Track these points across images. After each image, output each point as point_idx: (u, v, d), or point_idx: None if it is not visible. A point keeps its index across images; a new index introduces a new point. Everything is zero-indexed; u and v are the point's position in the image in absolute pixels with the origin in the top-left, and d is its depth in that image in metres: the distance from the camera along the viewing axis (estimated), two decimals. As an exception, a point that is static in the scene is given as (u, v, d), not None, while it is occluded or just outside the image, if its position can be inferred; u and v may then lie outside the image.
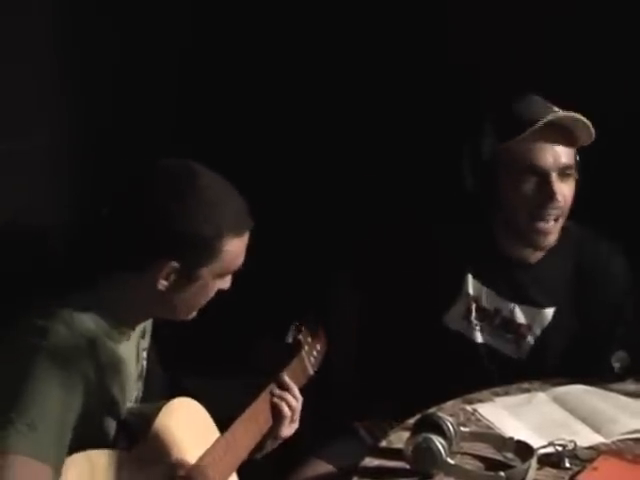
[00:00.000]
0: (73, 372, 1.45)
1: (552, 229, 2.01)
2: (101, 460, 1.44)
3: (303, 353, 1.79)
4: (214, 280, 1.57)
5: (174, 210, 1.50)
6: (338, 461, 2.03)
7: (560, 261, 2.09)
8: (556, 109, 1.99)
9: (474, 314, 2.09)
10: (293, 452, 2.03)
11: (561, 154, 1.98)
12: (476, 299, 2.09)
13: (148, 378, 1.72)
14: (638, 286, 2.11)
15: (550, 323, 2.08)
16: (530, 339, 2.09)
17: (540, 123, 1.94)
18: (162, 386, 1.77)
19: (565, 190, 1.99)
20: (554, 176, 1.97)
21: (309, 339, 1.82)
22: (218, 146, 3.07)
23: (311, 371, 1.82)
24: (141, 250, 1.52)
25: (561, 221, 2.02)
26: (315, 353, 1.84)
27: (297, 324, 1.80)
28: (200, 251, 1.53)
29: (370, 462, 1.69)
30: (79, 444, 1.42)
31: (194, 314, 1.63)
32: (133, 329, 1.62)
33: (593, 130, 1.97)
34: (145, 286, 1.53)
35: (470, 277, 2.08)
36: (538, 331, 2.09)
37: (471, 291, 2.08)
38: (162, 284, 1.53)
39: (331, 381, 2.26)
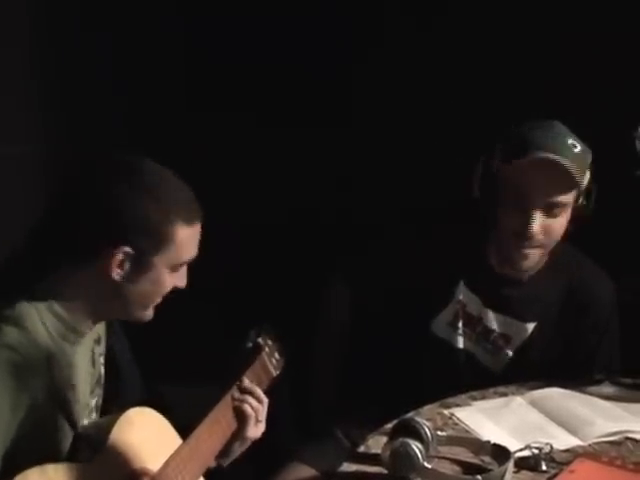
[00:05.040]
0: (22, 383, 1.42)
1: (531, 254, 2.00)
2: (58, 474, 1.39)
3: (264, 355, 1.80)
4: (168, 272, 1.55)
5: (118, 193, 1.49)
6: (319, 464, 2.03)
7: (548, 280, 2.09)
8: (574, 143, 1.95)
9: (460, 320, 2.10)
10: (274, 455, 2.04)
11: (552, 191, 1.94)
12: (464, 305, 2.10)
13: (123, 386, 1.71)
14: (621, 312, 2.13)
15: (529, 338, 2.09)
16: (508, 352, 2.10)
17: (531, 157, 1.91)
18: (137, 394, 1.76)
19: (553, 224, 1.96)
20: (537, 211, 1.94)
21: (269, 342, 1.82)
22: (207, 150, 3.08)
23: (274, 373, 1.82)
24: (88, 238, 1.50)
25: (544, 250, 2.01)
26: (276, 355, 1.84)
27: (256, 328, 1.81)
28: (150, 236, 1.51)
29: (348, 467, 1.69)
30: (33, 457, 1.38)
31: (149, 313, 1.60)
32: (90, 329, 1.59)
33: (576, 177, 1.92)
34: (98, 277, 1.51)
35: (462, 285, 2.10)
36: (517, 344, 2.10)
37: (461, 297, 2.10)
38: (117, 272, 1.51)
39: (312, 384, 2.27)
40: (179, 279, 1.59)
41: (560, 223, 1.98)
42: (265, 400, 1.71)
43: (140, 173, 1.53)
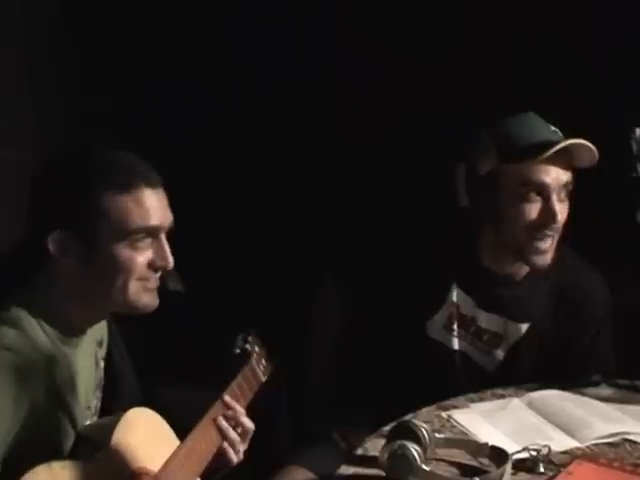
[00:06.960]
0: (22, 383, 1.43)
1: (549, 249, 2.01)
2: (64, 471, 1.41)
3: (253, 361, 1.80)
4: (124, 247, 1.51)
5: (37, 183, 1.53)
6: (316, 468, 2.03)
7: (542, 280, 2.10)
8: (554, 129, 1.99)
9: (455, 321, 2.10)
10: (272, 458, 2.03)
11: (562, 174, 1.98)
12: (457, 306, 2.10)
13: (121, 388, 1.71)
14: (615, 312, 2.13)
15: (522, 338, 2.10)
16: (501, 351, 2.10)
17: (555, 148, 1.93)
18: (134, 397, 1.76)
19: (563, 210, 2.00)
20: (555, 195, 1.97)
21: (257, 348, 1.83)
22: (206, 161, 3.09)
23: (262, 378, 1.83)
24: (34, 238, 1.51)
25: (556, 241, 2.02)
26: (264, 361, 1.85)
27: (244, 334, 1.81)
28: (76, 213, 1.49)
29: (346, 470, 1.69)
30: (36, 456, 1.39)
31: (144, 300, 1.55)
32: (85, 330, 1.59)
33: (597, 155, 1.96)
34: (59, 272, 1.51)
35: (455, 286, 2.10)
36: (510, 344, 2.10)
37: (454, 299, 2.10)
38: (63, 258, 1.50)
39: (308, 389, 2.27)
40: (156, 256, 1.54)
41: (566, 208, 2.01)
42: (250, 428, 1.69)
43: (66, 156, 1.55)
